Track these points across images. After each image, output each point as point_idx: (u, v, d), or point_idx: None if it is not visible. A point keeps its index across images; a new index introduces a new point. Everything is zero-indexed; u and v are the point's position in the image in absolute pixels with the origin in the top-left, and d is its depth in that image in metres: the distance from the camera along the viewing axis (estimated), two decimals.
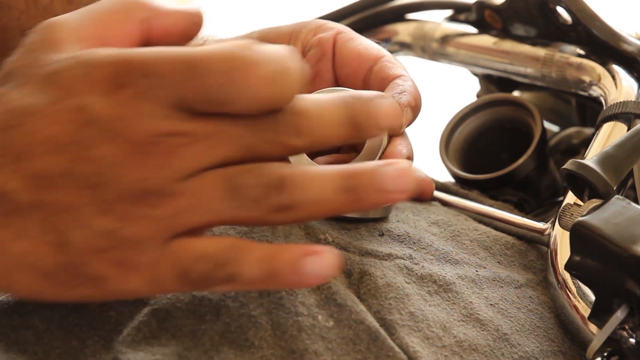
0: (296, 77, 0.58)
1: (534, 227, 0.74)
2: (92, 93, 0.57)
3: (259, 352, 0.60)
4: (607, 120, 0.74)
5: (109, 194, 0.56)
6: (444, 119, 0.88)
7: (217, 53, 0.57)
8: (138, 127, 0.56)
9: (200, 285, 0.57)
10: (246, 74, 0.56)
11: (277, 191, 0.57)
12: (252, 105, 0.57)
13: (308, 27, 0.76)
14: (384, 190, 0.58)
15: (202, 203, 0.57)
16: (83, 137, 0.57)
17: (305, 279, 0.57)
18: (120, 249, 0.57)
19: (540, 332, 0.67)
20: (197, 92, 0.56)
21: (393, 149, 0.68)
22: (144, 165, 0.56)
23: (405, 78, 0.71)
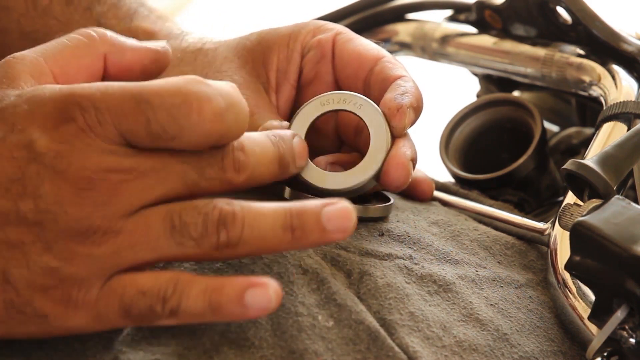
0: (242, 114, 0.58)
1: (534, 227, 0.74)
2: (36, 129, 0.57)
3: (259, 352, 0.60)
4: (607, 120, 0.74)
5: (51, 232, 0.57)
6: (444, 119, 0.88)
7: (164, 87, 0.57)
8: (79, 163, 0.56)
9: (144, 320, 0.58)
10: (194, 109, 0.56)
11: (218, 229, 0.57)
12: (199, 140, 0.57)
13: (307, 28, 0.76)
14: (325, 230, 0.58)
15: (143, 241, 0.57)
16: (27, 174, 0.57)
17: (248, 312, 0.57)
18: (62, 287, 0.57)
19: (540, 332, 0.67)
20: (142, 127, 0.56)
21: (397, 150, 0.68)
22: (85, 203, 0.56)
23: (406, 79, 0.71)
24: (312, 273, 0.63)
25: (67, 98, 0.57)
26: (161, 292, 0.57)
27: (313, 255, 0.64)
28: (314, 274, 0.63)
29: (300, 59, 0.75)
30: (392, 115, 0.68)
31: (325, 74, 0.75)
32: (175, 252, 0.58)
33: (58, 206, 0.56)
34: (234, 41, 0.78)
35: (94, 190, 0.56)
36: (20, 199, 0.57)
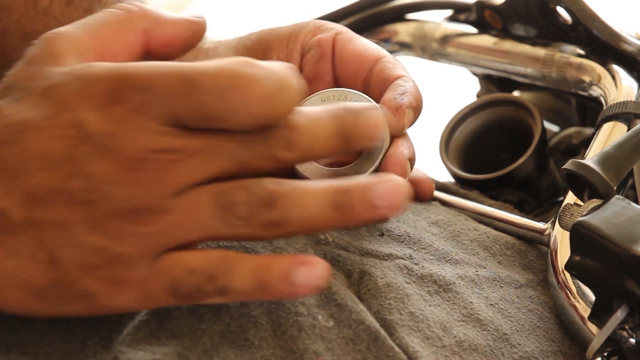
0: (293, 95, 0.58)
1: (534, 227, 0.74)
2: (87, 108, 0.57)
3: (259, 352, 0.60)
4: (607, 120, 0.74)
5: (100, 211, 0.57)
6: (444, 119, 0.88)
7: (215, 69, 0.57)
8: (131, 144, 0.56)
9: (191, 299, 0.58)
10: (244, 91, 0.56)
11: (267, 208, 0.57)
12: (249, 122, 0.57)
13: (307, 27, 0.76)
14: (375, 206, 0.58)
15: (192, 220, 0.57)
16: (77, 153, 0.57)
17: (296, 290, 0.57)
18: (110, 267, 0.57)
19: (540, 332, 0.67)
20: (193, 109, 0.56)
21: (395, 150, 0.68)
22: (135, 182, 0.56)
23: (406, 78, 0.71)
24: None
25: (119, 78, 0.57)
26: (210, 271, 0.57)
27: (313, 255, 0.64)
28: None
29: (300, 58, 0.75)
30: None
31: (325, 73, 0.75)
32: (224, 231, 0.57)
33: (108, 185, 0.56)
34: (233, 41, 0.78)
35: (145, 170, 0.56)
36: (70, 178, 0.57)
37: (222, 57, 0.76)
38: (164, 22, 0.64)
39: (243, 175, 0.58)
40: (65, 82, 0.58)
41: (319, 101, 0.69)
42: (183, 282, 0.57)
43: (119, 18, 0.63)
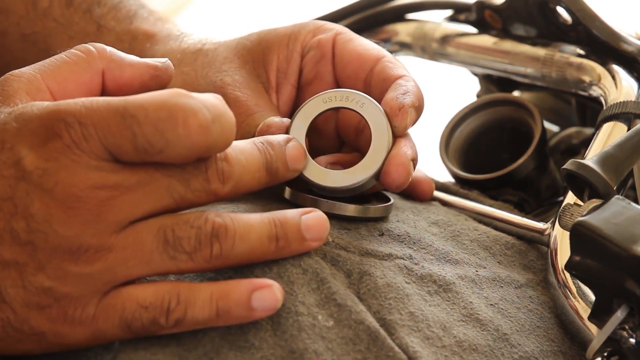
0: (228, 125, 0.58)
1: (534, 227, 0.74)
2: (24, 147, 0.57)
3: (259, 353, 0.60)
4: (607, 120, 0.74)
5: (43, 251, 0.57)
6: (444, 119, 0.88)
7: (150, 101, 0.57)
8: (66, 181, 0.57)
9: (146, 333, 0.58)
10: (179, 123, 0.56)
11: (212, 243, 0.58)
12: (185, 153, 0.57)
13: (307, 28, 0.76)
14: (305, 239, 0.61)
15: (136, 256, 0.58)
16: (16, 192, 0.57)
17: (256, 314, 0.59)
18: (58, 306, 0.57)
19: (540, 332, 0.67)
20: (128, 141, 0.56)
21: (398, 150, 0.68)
22: (74, 221, 0.57)
23: (407, 78, 0.71)
24: (312, 273, 0.63)
25: (53, 115, 0.57)
26: (164, 305, 0.58)
27: (313, 255, 0.64)
28: (313, 273, 0.63)
29: (300, 59, 0.75)
30: (393, 115, 0.68)
31: (325, 73, 0.75)
32: (169, 266, 0.58)
33: (48, 225, 0.57)
34: (233, 41, 0.78)
35: (82, 207, 0.57)
36: (12, 218, 0.57)
37: (223, 58, 0.76)
38: (122, 64, 0.65)
39: (182, 209, 0.59)
40: (5, 122, 0.58)
41: (321, 102, 0.69)
42: (136, 318, 0.58)
43: (77, 59, 0.64)
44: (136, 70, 0.65)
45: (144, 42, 0.81)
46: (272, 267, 0.62)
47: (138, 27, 0.82)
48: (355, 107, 0.69)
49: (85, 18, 0.84)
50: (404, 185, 0.68)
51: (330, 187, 0.67)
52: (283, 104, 0.75)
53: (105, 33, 0.82)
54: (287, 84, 0.75)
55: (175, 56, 0.78)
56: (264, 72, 0.75)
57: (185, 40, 0.80)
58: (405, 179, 0.68)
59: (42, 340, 0.58)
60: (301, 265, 0.63)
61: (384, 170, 0.67)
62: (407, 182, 0.68)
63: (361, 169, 0.68)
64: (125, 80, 0.65)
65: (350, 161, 0.70)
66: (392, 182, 0.67)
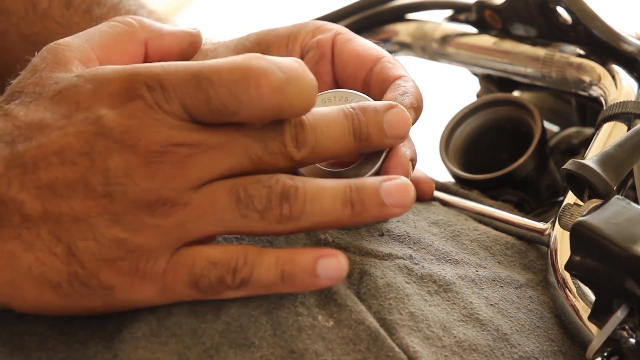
0: (302, 87, 0.59)
1: (534, 227, 0.74)
2: (103, 106, 0.58)
3: (259, 352, 0.60)
4: (607, 120, 0.74)
5: (119, 204, 0.58)
6: (444, 119, 0.88)
7: (223, 64, 0.58)
8: (148, 138, 0.58)
9: (212, 292, 0.59)
10: (252, 84, 0.57)
11: (282, 203, 0.59)
12: (259, 114, 0.58)
13: (306, 28, 0.76)
14: (384, 204, 0.60)
15: (209, 213, 0.58)
16: (95, 148, 0.58)
17: (319, 281, 0.59)
18: (129, 259, 0.58)
19: (540, 332, 0.67)
20: (205, 103, 0.58)
21: (396, 151, 0.68)
22: (154, 175, 0.57)
23: (406, 79, 0.71)
24: None
25: (133, 77, 0.58)
26: (232, 263, 0.58)
27: None
28: None
29: (300, 59, 0.75)
30: None
31: (324, 74, 0.75)
32: (240, 224, 0.59)
33: (128, 178, 0.57)
34: (232, 42, 0.78)
35: (164, 163, 0.57)
36: (88, 171, 0.58)
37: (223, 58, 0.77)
38: (162, 34, 0.66)
39: (260, 171, 0.59)
40: (77, 84, 0.59)
41: (321, 102, 0.69)
42: (204, 275, 0.58)
43: (120, 30, 0.65)
44: (175, 38, 0.66)
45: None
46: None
47: None
48: None
49: (85, 19, 0.84)
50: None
51: None
52: None
53: None
54: None
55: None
56: None
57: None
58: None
59: (110, 295, 0.58)
60: None
61: (383, 170, 0.67)
62: None
63: (360, 169, 0.68)
64: (166, 49, 0.66)
65: (349, 161, 0.70)
66: None
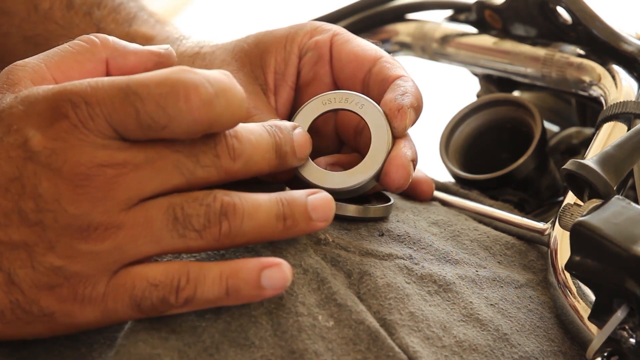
0: (234, 100, 0.58)
1: (534, 227, 0.74)
2: (31, 128, 0.58)
3: (259, 352, 0.60)
4: (607, 120, 0.74)
5: (52, 231, 0.57)
6: (444, 119, 0.88)
7: (152, 77, 0.57)
8: (74, 160, 0.57)
9: (155, 312, 0.59)
10: (181, 97, 0.57)
11: (221, 221, 0.58)
12: (189, 129, 0.58)
13: (304, 29, 0.76)
14: (311, 218, 0.61)
15: (146, 234, 0.58)
16: (24, 173, 0.57)
17: (265, 293, 0.59)
18: (68, 285, 0.58)
19: (540, 332, 0.67)
20: (133, 118, 0.57)
21: (398, 151, 0.68)
22: (83, 199, 0.57)
23: (405, 78, 0.71)
24: (313, 273, 0.63)
25: (59, 95, 0.58)
26: (174, 283, 0.58)
27: (313, 255, 0.64)
28: (314, 273, 0.63)
29: (298, 60, 0.75)
30: (393, 116, 0.68)
31: (323, 75, 0.75)
32: (178, 244, 0.58)
33: (57, 204, 0.57)
34: (230, 44, 0.78)
35: (91, 186, 0.57)
36: (20, 198, 0.57)
37: (220, 61, 0.76)
38: (125, 52, 0.65)
39: (193, 187, 0.59)
40: (11, 106, 0.59)
41: (320, 104, 0.69)
42: (146, 297, 0.58)
43: (81, 49, 0.64)
44: (139, 57, 0.65)
45: (142, 45, 0.81)
46: None
47: (137, 30, 0.83)
48: (355, 108, 0.69)
49: (85, 21, 0.84)
50: (404, 186, 0.68)
51: (330, 188, 0.67)
52: (281, 105, 0.75)
53: None
54: (285, 85, 0.75)
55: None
56: (262, 75, 0.75)
57: (184, 43, 0.80)
58: (405, 180, 0.68)
59: (52, 321, 0.58)
60: (302, 266, 0.63)
61: (384, 172, 0.67)
62: (408, 183, 0.68)
63: (361, 170, 0.68)
64: (129, 69, 0.65)
65: (349, 162, 0.70)
66: (392, 183, 0.68)
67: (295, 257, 0.64)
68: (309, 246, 0.65)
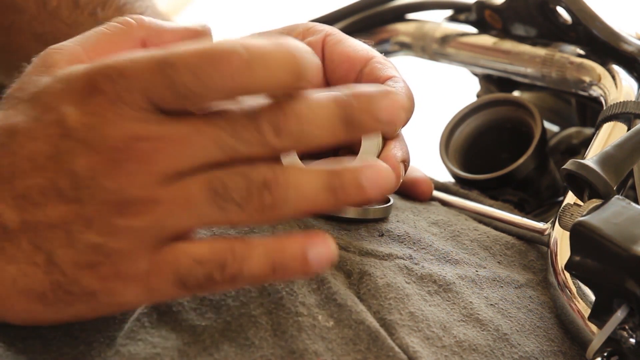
0: (275, 64, 0.56)
1: (534, 227, 0.74)
2: (67, 105, 0.57)
3: (259, 352, 0.60)
4: (607, 120, 0.74)
5: (90, 208, 0.56)
6: (444, 119, 0.88)
7: (189, 48, 0.56)
8: (111, 134, 0.56)
9: (201, 290, 0.57)
10: (217, 64, 0.55)
11: (262, 192, 0.57)
12: (227, 95, 0.56)
13: (296, 30, 0.75)
14: (363, 187, 0.58)
15: (184, 209, 0.56)
16: (61, 150, 0.57)
17: (312, 268, 0.57)
18: (109, 263, 0.57)
19: (540, 332, 0.67)
20: (169, 89, 0.56)
21: (387, 153, 0.68)
22: (119, 174, 0.56)
23: (396, 79, 0.70)
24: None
25: (97, 70, 0.57)
26: (220, 260, 0.57)
27: None
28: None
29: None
30: None
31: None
32: (218, 217, 0.57)
33: (94, 180, 0.56)
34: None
35: (127, 160, 0.56)
36: (57, 176, 0.56)
37: None
38: (161, 31, 0.65)
39: (236, 162, 0.57)
40: (49, 85, 0.58)
41: None
42: (192, 274, 0.57)
43: (116, 30, 0.64)
44: (175, 35, 0.65)
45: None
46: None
47: None
48: None
49: (90, 21, 0.84)
50: (394, 188, 0.68)
51: None
52: None
53: None
54: None
55: None
56: None
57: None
58: (395, 181, 0.67)
59: (95, 300, 0.57)
60: None
61: None
62: (398, 184, 0.68)
63: None
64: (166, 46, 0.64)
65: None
66: None
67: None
68: None
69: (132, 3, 0.84)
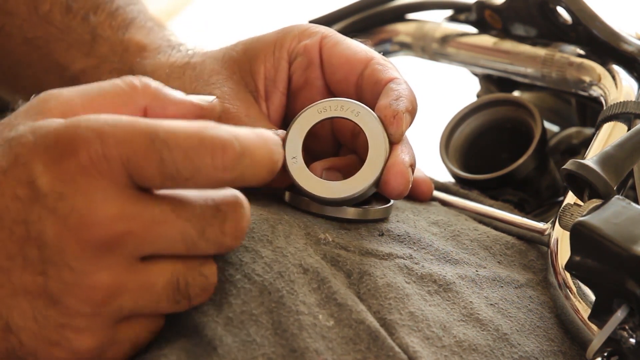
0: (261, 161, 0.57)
1: (534, 227, 0.74)
2: (39, 163, 0.55)
3: (260, 350, 0.60)
4: (607, 120, 0.74)
5: (56, 286, 0.55)
6: (444, 119, 0.88)
7: (182, 128, 0.55)
8: (82, 209, 0.54)
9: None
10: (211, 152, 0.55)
11: (210, 291, 0.59)
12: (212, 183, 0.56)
13: (291, 33, 0.75)
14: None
15: (146, 297, 0.57)
16: (31, 217, 0.55)
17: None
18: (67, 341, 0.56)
19: (540, 332, 0.67)
20: (156, 166, 0.54)
21: (395, 158, 0.68)
22: (88, 255, 0.55)
23: (398, 81, 0.70)
24: (313, 272, 0.63)
25: (71, 129, 0.54)
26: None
27: (313, 254, 0.64)
28: (314, 273, 0.63)
29: (288, 66, 0.74)
30: (389, 123, 0.68)
31: (315, 79, 0.74)
32: (171, 308, 0.58)
33: (62, 257, 0.54)
34: (220, 52, 0.76)
35: (97, 240, 0.54)
36: (25, 243, 0.55)
37: (210, 70, 0.75)
38: (165, 102, 0.61)
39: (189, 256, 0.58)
40: (22, 135, 0.56)
41: (316, 113, 0.69)
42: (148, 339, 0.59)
43: (120, 91, 0.60)
44: (180, 109, 0.61)
45: (135, 54, 0.79)
46: (273, 266, 0.63)
47: (131, 37, 0.81)
48: (350, 116, 0.69)
49: (82, 26, 0.82)
50: (404, 193, 0.68)
51: (330, 198, 0.67)
52: (273, 112, 0.75)
53: (100, 42, 0.81)
54: (276, 91, 0.75)
55: (163, 71, 0.77)
56: (252, 82, 0.74)
57: (173, 53, 0.78)
58: (405, 187, 0.67)
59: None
60: (302, 265, 0.63)
61: (383, 180, 0.67)
62: (407, 189, 0.68)
63: (359, 179, 0.68)
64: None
65: (346, 165, 0.70)
66: (392, 191, 0.68)
67: (296, 256, 0.64)
68: (309, 246, 0.65)
69: (123, 8, 0.83)
